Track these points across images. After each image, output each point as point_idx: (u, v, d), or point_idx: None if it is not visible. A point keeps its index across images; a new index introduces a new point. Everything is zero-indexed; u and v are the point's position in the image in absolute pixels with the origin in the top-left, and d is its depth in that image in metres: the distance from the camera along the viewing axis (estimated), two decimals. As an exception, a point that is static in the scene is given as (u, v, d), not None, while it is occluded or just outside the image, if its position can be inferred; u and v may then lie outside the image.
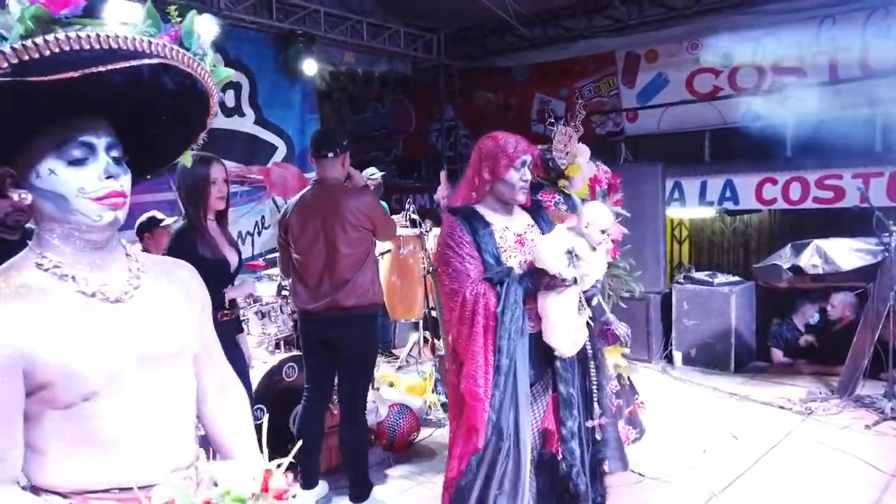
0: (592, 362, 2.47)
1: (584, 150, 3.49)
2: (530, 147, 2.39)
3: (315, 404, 3.32)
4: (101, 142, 1.09)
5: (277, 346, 4.07)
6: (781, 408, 4.58)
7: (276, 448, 1.18)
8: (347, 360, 3.22)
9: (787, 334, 5.61)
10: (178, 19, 1.11)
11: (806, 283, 4.66)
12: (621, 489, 3.46)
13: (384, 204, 5.90)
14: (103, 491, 1.12)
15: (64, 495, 1.10)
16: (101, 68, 0.96)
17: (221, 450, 1.38)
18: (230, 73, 1.28)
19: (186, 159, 1.38)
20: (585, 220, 2.30)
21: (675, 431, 4.16)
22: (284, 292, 4.15)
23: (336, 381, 3.37)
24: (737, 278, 5.74)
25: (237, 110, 6.22)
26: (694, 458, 3.81)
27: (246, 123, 6.28)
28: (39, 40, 0.91)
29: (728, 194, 6.63)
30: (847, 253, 4.45)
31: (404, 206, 5.25)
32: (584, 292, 2.30)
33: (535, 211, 2.53)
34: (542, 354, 2.33)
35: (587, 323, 2.32)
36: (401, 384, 4.78)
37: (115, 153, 1.11)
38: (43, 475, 1.10)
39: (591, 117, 7.99)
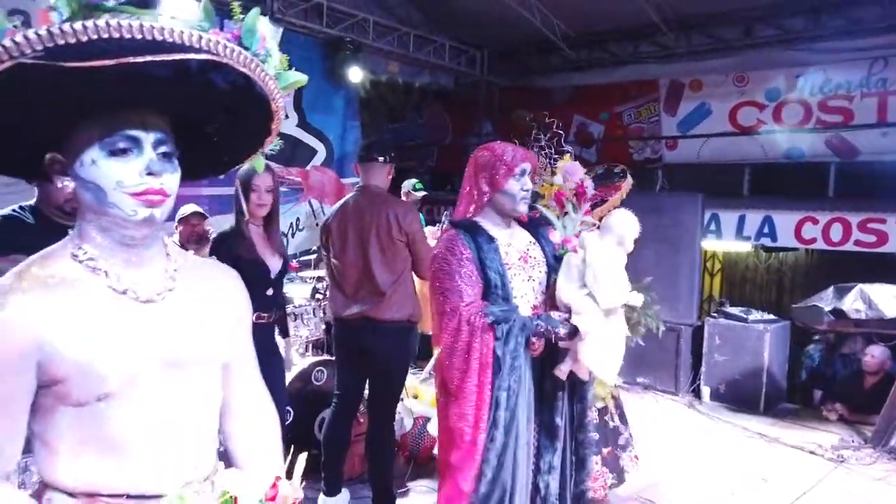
0: (586, 385, 2.35)
1: (574, 170, 3.25)
2: (529, 156, 2.27)
3: (343, 411, 3.29)
4: (148, 136, 1.06)
5: (307, 348, 4.07)
6: (812, 453, 4.46)
7: (300, 452, 1.16)
8: (379, 370, 3.20)
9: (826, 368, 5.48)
10: (241, 16, 1.07)
11: (847, 328, 4.56)
12: (647, 524, 3.40)
13: (420, 214, 5.93)
14: (113, 496, 1.08)
15: (71, 495, 1.07)
16: (139, 59, 0.91)
17: (237, 465, 1.31)
18: (301, 80, 1.22)
19: (258, 165, 1.35)
20: (619, 233, 2.21)
21: (703, 469, 4.07)
22: (318, 295, 4.15)
23: (366, 389, 3.35)
24: (772, 316, 5.63)
25: (281, 111, 6.27)
26: (722, 499, 3.72)
27: (289, 125, 6.33)
28: (77, 25, 0.87)
29: (766, 230, 6.53)
30: (892, 300, 4.34)
31: (436, 218, 5.24)
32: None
33: (534, 227, 2.40)
34: (536, 381, 2.23)
35: None
36: (425, 397, 4.73)
37: (164, 149, 1.08)
38: (53, 472, 1.07)
39: (630, 143, 7.97)
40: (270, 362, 2.93)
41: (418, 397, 4.74)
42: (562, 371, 2.19)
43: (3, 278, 1.05)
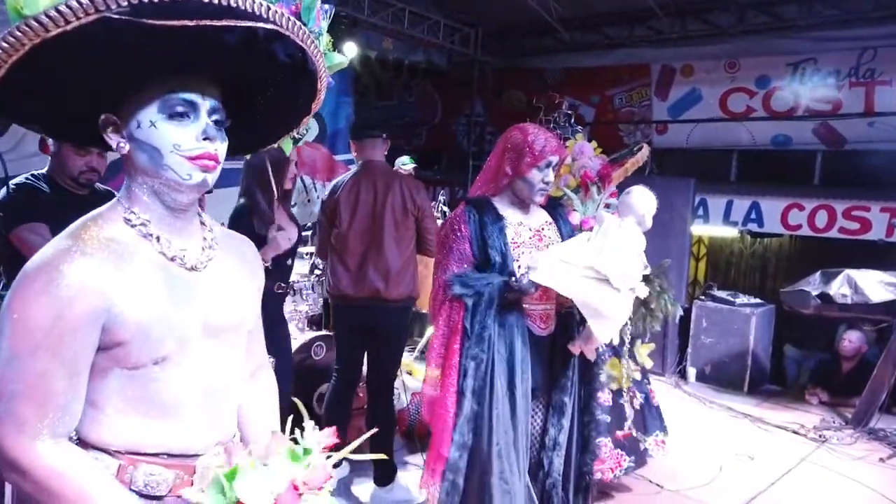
0: (595, 368, 2.41)
1: (586, 149, 3.15)
2: (560, 148, 2.26)
3: (345, 385, 3.32)
4: (204, 103, 1.08)
5: (306, 324, 4.08)
6: (795, 433, 4.59)
7: (298, 425, 1.16)
8: (383, 346, 3.23)
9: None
10: None
11: (832, 312, 4.67)
12: (640, 498, 3.48)
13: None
14: (153, 455, 1.11)
15: (111, 454, 1.09)
16: (217, 22, 0.94)
17: (242, 431, 1.34)
18: (344, 61, 1.27)
19: (286, 145, 1.37)
20: (643, 209, 2.23)
21: (691, 446, 4.17)
22: (317, 271, 4.15)
23: (365, 363, 3.38)
24: (758, 300, 5.74)
25: (273, 86, 6.19)
26: (711, 475, 3.82)
27: (281, 100, 6.27)
28: None
29: (753, 216, 6.64)
30: (877, 285, 4.45)
31: (434, 198, 5.26)
32: None
33: (554, 208, 2.41)
34: (544, 359, 2.28)
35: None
36: (420, 374, 4.78)
37: (216, 117, 1.10)
38: (97, 431, 1.09)
39: (620, 126, 8.01)
40: (282, 331, 2.96)
41: (413, 374, 4.79)
42: (575, 347, 2.24)
43: (59, 240, 1.06)
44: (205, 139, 1.07)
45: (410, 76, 9.52)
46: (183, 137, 1.06)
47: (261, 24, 0.98)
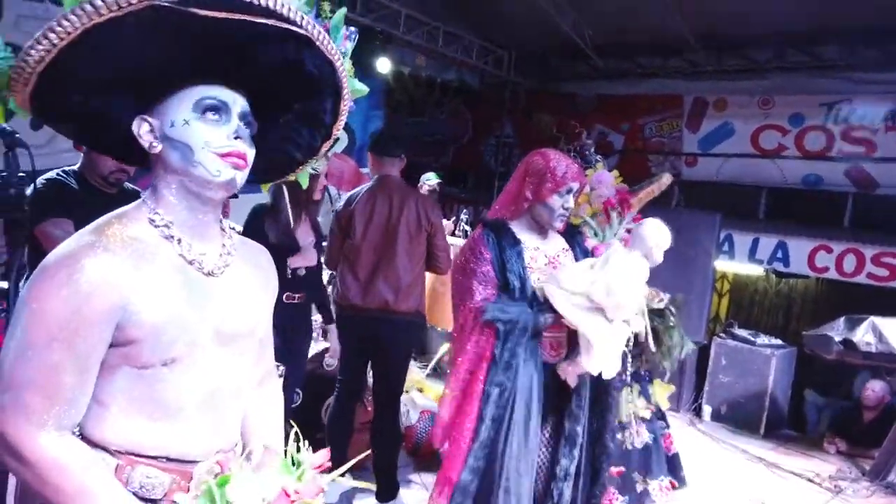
0: (609, 398, 2.37)
1: (605, 178, 3.12)
2: (580, 175, 2.25)
3: (347, 396, 3.33)
4: (235, 106, 1.13)
5: (319, 333, 4.08)
6: (810, 481, 4.47)
7: (305, 436, 1.18)
8: (388, 359, 3.23)
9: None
10: (330, 14, 1.19)
11: (855, 359, 4.56)
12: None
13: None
14: (152, 457, 1.11)
15: (111, 453, 1.09)
16: (258, 19, 0.99)
17: (244, 438, 1.33)
18: (363, 90, 1.31)
19: (303, 178, 1.40)
20: (653, 242, 2.20)
21: (702, 488, 4.08)
22: (335, 281, 4.15)
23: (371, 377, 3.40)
24: (779, 341, 5.64)
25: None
26: (720, 518, 3.74)
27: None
28: None
29: (780, 255, 6.53)
30: (904, 335, 4.35)
31: (450, 215, 5.26)
32: None
33: (572, 236, 2.40)
34: (556, 387, 2.24)
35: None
36: (430, 391, 4.75)
37: (245, 122, 1.14)
38: (99, 428, 1.09)
39: (649, 156, 7.97)
40: (295, 341, 2.96)
41: (423, 391, 4.76)
42: (561, 369, 2.21)
43: (83, 235, 1.07)
44: (235, 138, 1.11)
45: (442, 94, 9.59)
46: (214, 135, 1.10)
47: (295, 28, 1.03)
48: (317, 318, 4.06)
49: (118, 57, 1.01)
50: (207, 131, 1.09)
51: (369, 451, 1.28)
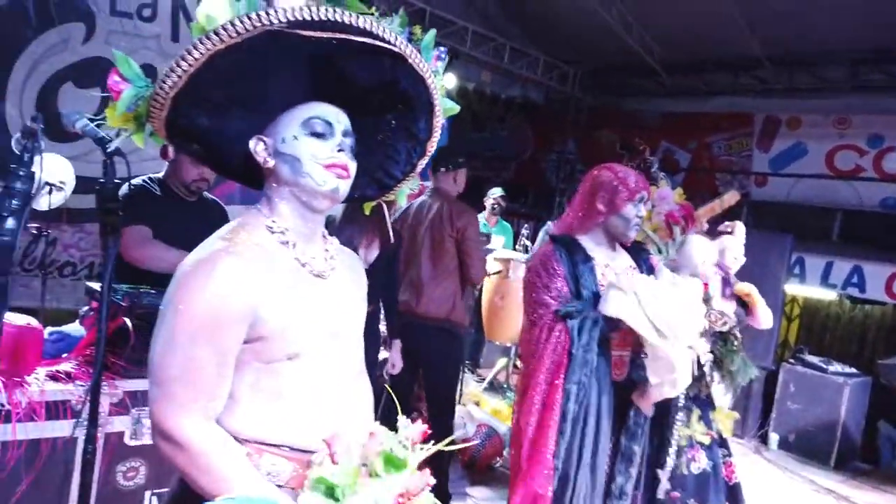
0: (669, 417, 2.33)
1: (667, 195, 3.03)
2: (647, 184, 2.27)
3: (392, 406, 3.37)
4: (339, 125, 1.24)
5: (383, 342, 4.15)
6: (885, 517, 4.26)
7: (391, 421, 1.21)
8: (427, 369, 3.33)
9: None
10: (421, 37, 1.25)
11: (936, 392, 4.33)
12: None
13: (507, 225, 6.02)
14: (276, 445, 1.18)
15: (241, 441, 1.17)
16: (357, 38, 1.11)
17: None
18: (454, 108, 1.39)
19: (401, 197, 1.48)
20: (699, 259, 2.15)
21: (767, 517, 3.94)
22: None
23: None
24: (853, 370, 5.39)
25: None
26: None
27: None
28: (316, 10, 1.08)
29: (854, 280, 6.26)
30: None
31: (517, 231, 5.30)
32: None
33: (637, 252, 2.39)
34: (619, 403, 2.22)
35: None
36: (487, 405, 4.76)
37: (348, 139, 1.24)
38: (229, 419, 1.17)
39: (716, 175, 7.78)
40: (368, 348, 3.05)
41: (480, 404, 4.77)
42: (635, 396, 2.19)
43: (214, 240, 1.18)
44: (339, 151, 1.22)
45: (506, 109, 9.62)
46: (320, 149, 1.21)
47: (389, 46, 1.14)
48: (381, 327, 4.15)
49: (237, 80, 1.14)
50: (314, 145, 1.21)
51: (433, 447, 1.30)
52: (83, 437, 1.48)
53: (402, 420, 1.15)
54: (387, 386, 1.37)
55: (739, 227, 3.10)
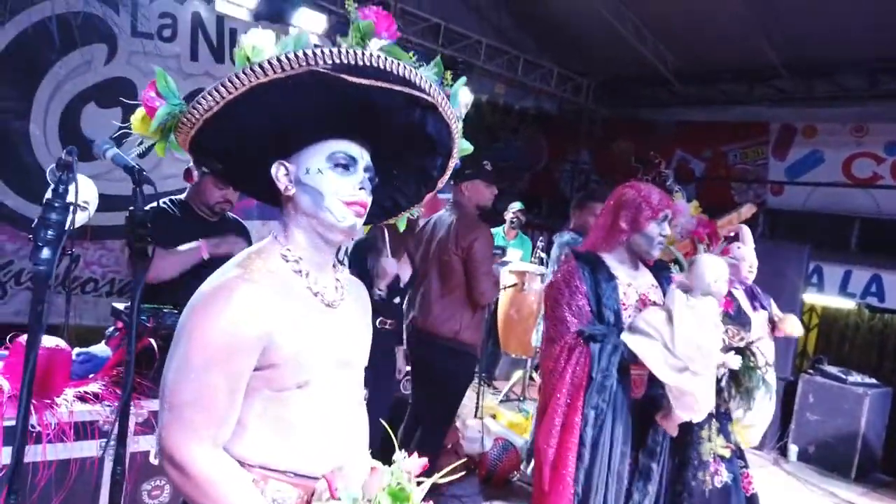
0: (691, 434, 2.33)
1: (683, 208, 3.01)
2: (671, 203, 2.28)
3: (413, 420, 3.45)
4: (362, 161, 1.26)
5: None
6: (907, 531, 4.21)
7: (384, 458, 1.26)
8: (431, 385, 3.33)
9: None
10: (451, 82, 1.29)
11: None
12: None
13: (526, 238, 6.03)
14: (282, 472, 1.19)
15: (246, 467, 1.18)
16: (397, 87, 1.15)
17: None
18: (468, 149, 1.43)
19: (401, 223, 1.51)
20: (713, 277, 2.14)
21: (787, 531, 3.91)
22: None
23: None
24: (873, 381, 5.33)
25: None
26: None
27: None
28: (360, 51, 1.11)
29: (874, 289, 6.21)
30: None
31: (534, 242, 5.32)
32: None
33: (659, 271, 2.39)
34: (636, 422, 2.22)
35: None
36: (503, 417, 4.76)
37: (370, 175, 1.27)
38: (237, 445, 1.18)
39: (732, 184, 7.75)
40: (387, 367, 3.09)
41: (497, 417, 4.78)
42: (659, 417, 2.19)
43: (230, 268, 1.21)
44: (360, 189, 1.24)
45: (519, 121, 9.64)
46: (343, 186, 1.23)
47: (424, 96, 1.18)
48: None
49: (272, 112, 1.15)
50: (337, 181, 1.23)
51: (457, 475, 1.32)
52: (111, 457, 1.51)
53: (398, 454, 1.18)
54: (382, 420, 1.39)
55: (744, 232, 3.10)
